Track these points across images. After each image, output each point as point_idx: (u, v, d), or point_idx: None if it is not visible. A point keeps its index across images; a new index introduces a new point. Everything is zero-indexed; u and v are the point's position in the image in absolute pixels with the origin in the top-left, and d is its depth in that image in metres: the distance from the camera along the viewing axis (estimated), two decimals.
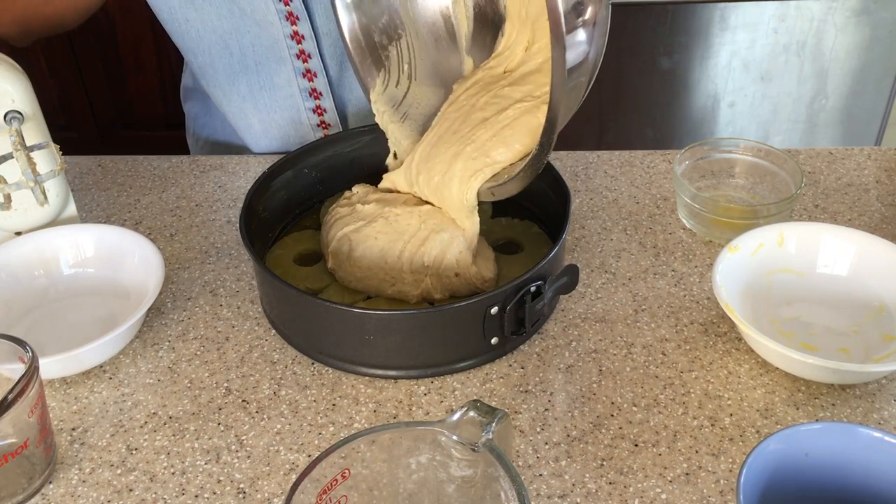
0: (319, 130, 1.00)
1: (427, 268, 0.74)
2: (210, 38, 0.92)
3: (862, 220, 0.85)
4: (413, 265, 0.74)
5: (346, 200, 0.81)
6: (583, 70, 0.61)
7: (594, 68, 0.63)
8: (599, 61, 0.63)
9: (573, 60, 0.59)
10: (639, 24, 1.64)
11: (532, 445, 0.64)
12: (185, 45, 0.95)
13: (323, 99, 0.97)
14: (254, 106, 0.97)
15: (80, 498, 0.61)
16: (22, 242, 0.78)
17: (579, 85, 0.62)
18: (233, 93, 0.97)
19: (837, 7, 1.59)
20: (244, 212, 0.75)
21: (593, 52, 0.61)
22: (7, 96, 0.74)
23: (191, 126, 1.12)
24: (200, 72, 0.97)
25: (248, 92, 0.96)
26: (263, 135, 1.00)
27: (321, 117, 0.98)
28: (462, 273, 0.74)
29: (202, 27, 0.92)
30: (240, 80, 0.96)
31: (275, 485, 0.62)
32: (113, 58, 2.05)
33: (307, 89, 0.96)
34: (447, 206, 0.75)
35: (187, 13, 0.91)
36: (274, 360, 0.72)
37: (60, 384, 0.70)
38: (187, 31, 0.93)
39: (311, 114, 0.98)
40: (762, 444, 0.51)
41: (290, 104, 0.97)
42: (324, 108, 0.98)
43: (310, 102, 0.97)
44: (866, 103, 1.74)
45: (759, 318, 0.72)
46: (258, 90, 0.96)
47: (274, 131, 0.99)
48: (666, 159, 0.95)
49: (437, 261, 0.74)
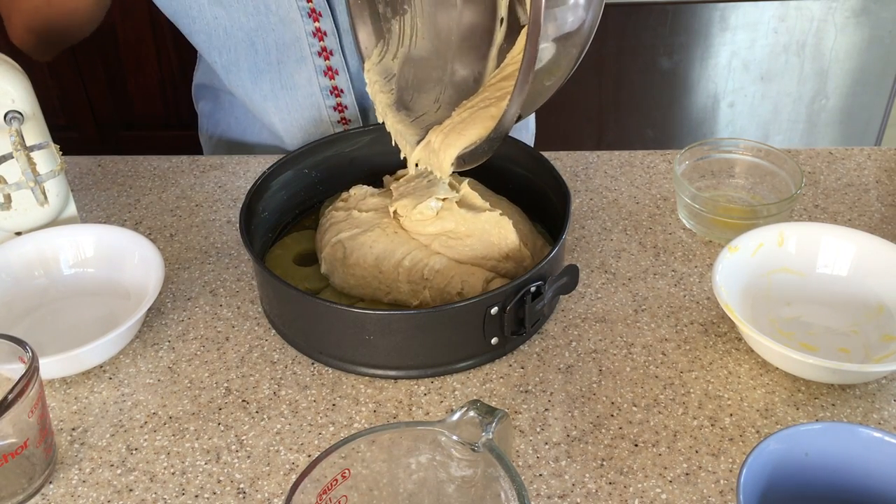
0: (340, 126, 1.00)
1: (426, 280, 0.73)
2: (237, 35, 0.93)
3: (862, 220, 0.85)
4: (411, 276, 0.74)
5: (343, 203, 0.81)
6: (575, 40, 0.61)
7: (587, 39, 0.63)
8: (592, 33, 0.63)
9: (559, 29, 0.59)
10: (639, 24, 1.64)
11: (532, 445, 0.64)
12: (211, 43, 0.94)
13: (344, 96, 0.97)
14: (275, 105, 0.98)
15: (80, 498, 0.61)
16: (22, 242, 0.78)
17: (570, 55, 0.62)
18: (255, 92, 0.97)
19: (837, 7, 1.60)
20: (244, 212, 0.75)
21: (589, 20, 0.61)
22: (7, 96, 0.74)
23: (203, 124, 1.12)
24: (224, 70, 0.97)
25: (270, 91, 0.97)
26: (284, 133, 1.00)
27: (342, 114, 0.99)
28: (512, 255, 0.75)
29: (230, 24, 0.92)
30: (263, 78, 0.96)
31: (275, 485, 0.62)
32: (113, 58, 2.05)
33: (328, 87, 0.96)
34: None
35: (216, 10, 0.91)
36: (274, 360, 0.72)
37: (60, 384, 0.70)
38: (215, 28, 0.93)
39: (332, 111, 0.98)
40: (762, 444, 0.51)
41: (310, 103, 0.97)
42: (345, 105, 0.98)
43: (330, 100, 0.97)
44: (866, 103, 1.74)
45: (759, 318, 0.72)
46: (279, 89, 0.96)
47: (294, 130, 1.00)
48: (666, 159, 0.95)
49: (440, 276, 0.73)
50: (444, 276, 0.73)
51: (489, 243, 0.75)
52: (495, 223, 0.75)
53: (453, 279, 0.73)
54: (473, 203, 0.78)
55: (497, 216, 0.76)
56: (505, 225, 0.75)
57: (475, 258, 0.74)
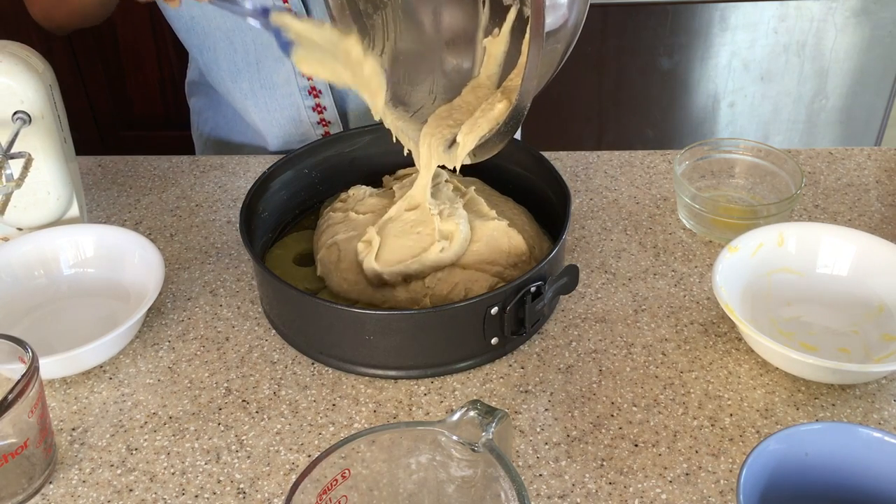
0: (320, 128, 1.00)
1: (428, 288, 0.73)
2: (215, 34, 0.93)
3: (862, 220, 0.85)
4: (410, 286, 0.73)
5: (342, 203, 0.81)
6: (560, 36, 0.61)
7: (573, 36, 0.63)
8: (579, 29, 0.63)
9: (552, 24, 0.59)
10: (639, 24, 1.64)
11: (532, 445, 0.64)
12: (191, 41, 0.96)
13: (322, 97, 0.97)
14: (255, 104, 0.98)
15: (80, 498, 0.61)
16: (22, 242, 0.78)
17: (555, 51, 0.62)
18: (235, 90, 0.98)
19: (837, 7, 1.60)
20: (244, 212, 0.75)
21: (573, 18, 0.61)
22: (16, 97, 0.74)
23: (195, 121, 1.12)
24: (206, 68, 0.98)
25: (249, 90, 0.97)
26: (266, 132, 1.01)
27: (321, 115, 0.99)
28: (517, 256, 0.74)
29: (206, 24, 0.93)
30: (242, 77, 0.97)
31: (275, 485, 0.62)
32: (113, 58, 2.05)
33: (306, 87, 0.97)
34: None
35: (192, 10, 0.91)
36: (274, 360, 0.72)
37: (60, 384, 0.70)
38: (192, 27, 0.94)
39: (311, 112, 0.98)
40: (762, 444, 0.51)
41: (289, 103, 0.98)
42: (323, 106, 0.98)
43: (309, 101, 0.97)
44: (866, 103, 1.74)
45: (759, 318, 0.72)
46: (259, 88, 0.97)
47: (275, 129, 1.00)
48: (666, 159, 0.95)
49: (443, 283, 0.73)
50: (448, 282, 0.73)
51: (497, 249, 0.74)
52: (503, 232, 0.75)
53: (457, 286, 0.72)
54: (479, 209, 0.78)
55: (505, 226, 0.75)
56: (514, 235, 0.75)
57: (480, 263, 0.74)
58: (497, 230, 0.75)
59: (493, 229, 0.75)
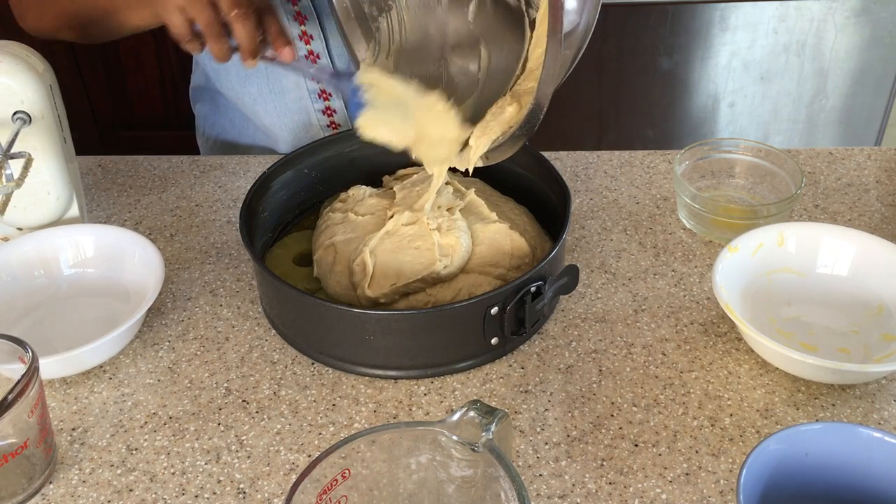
0: (329, 131, 1.00)
1: (430, 296, 0.73)
2: None
3: (862, 220, 0.85)
4: (410, 294, 0.73)
5: (342, 203, 0.81)
6: (571, 40, 0.61)
7: (583, 40, 0.63)
8: (589, 34, 0.63)
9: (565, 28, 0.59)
10: (639, 24, 1.64)
11: (532, 445, 0.64)
12: None
13: (332, 100, 0.97)
14: (264, 109, 0.98)
15: (80, 498, 0.61)
16: (22, 242, 0.78)
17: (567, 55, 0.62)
18: (245, 95, 0.98)
19: (837, 7, 1.59)
20: (244, 212, 0.75)
21: (584, 22, 0.61)
22: (16, 97, 0.74)
23: (201, 125, 1.12)
24: (213, 74, 0.98)
25: (258, 95, 0.97)
26: (276, 136, 1.00)
27: (331, 118, 0.99)
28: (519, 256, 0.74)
29: None
30: (251, 82, 0.96)
31: (275, 485, 0.62)
32: (113, 58, 2.05)
33: (316, 91, 0.97)
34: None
35: None
36: (274, 360, 0.72)
37: (60, 384, 0.70)
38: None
39: (321, 115, 0.98)
40: (762, 444, 0.51)
41: (299, 107, 0.97)
42: (333, 109, 0.98)
43: (319, 104, 0.97)
44: (866, 103, 1.74)
45: (759, 318, 0.72)
46: (268, 93, 0.97)
47: (285, 133, 1.00)
48: (666, 159, 0.95)
49: (445, 288, 0.72)
50: (451, 288, 0.72)
51: (500, 251, 0.74)
52: (505, 234, 0.75)
53: (460, 292, 0.72)
54: (480, 212, 0.77)
55: (506, 228, 0.75)
56: (516, 237, 0.75)
57: (483, 266, 0.74)
58: (499, 233, 0.75)
59: (495, 232, 0.75)
